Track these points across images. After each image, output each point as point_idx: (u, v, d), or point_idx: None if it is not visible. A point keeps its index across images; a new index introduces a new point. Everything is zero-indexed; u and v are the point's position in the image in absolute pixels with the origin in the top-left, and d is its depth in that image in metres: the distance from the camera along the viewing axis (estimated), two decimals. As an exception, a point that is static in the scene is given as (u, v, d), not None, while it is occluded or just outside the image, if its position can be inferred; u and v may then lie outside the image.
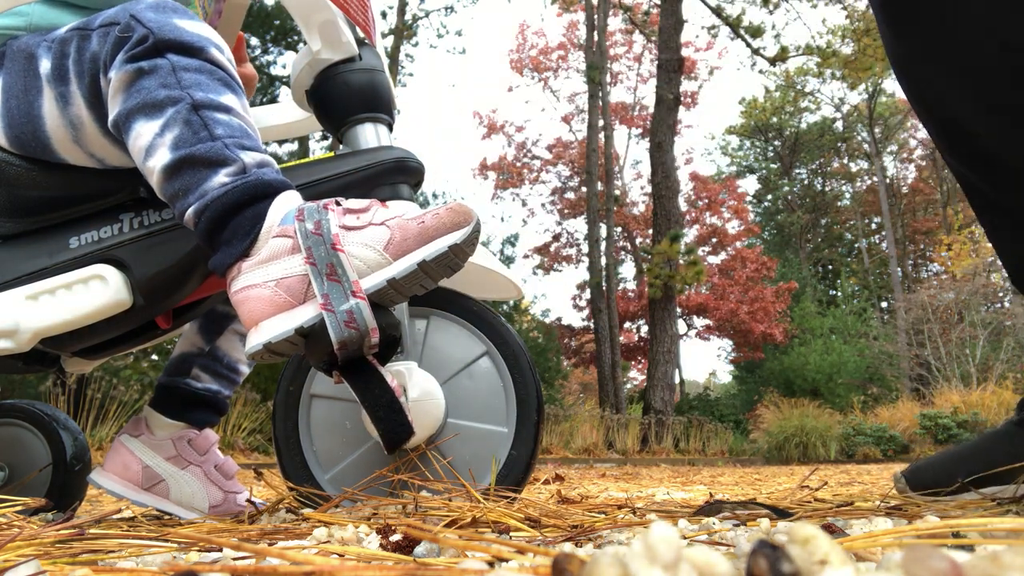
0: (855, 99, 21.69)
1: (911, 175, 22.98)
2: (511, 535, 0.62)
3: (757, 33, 13.66)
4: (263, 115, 1.22)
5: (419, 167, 0.95)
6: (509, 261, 17.73)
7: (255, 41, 12.40)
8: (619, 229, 19.29)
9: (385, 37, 13.70)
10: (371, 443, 0.92)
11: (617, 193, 18.19)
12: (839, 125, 22.75)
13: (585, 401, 16.64)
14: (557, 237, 20.71)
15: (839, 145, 22.89)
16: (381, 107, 0.98)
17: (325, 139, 11.70)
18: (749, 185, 27.11)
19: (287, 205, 0.75)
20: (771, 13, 14.66)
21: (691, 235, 19.25)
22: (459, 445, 0.90)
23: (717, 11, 13.94)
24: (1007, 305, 13.05)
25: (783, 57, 13.97)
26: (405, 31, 14.25)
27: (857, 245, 22.56)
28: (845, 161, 23.26)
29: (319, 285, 0.70)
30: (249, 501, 1.01)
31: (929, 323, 11.89)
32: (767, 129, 23.53)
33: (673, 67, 11.30)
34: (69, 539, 0.55)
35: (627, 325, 19.01)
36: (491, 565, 0.42)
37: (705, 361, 71.51)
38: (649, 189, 14.22)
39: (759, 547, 0.27)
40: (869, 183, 22.18)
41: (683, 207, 17.91)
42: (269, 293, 0.71)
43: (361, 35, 1.01)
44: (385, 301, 0.74)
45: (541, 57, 20.59)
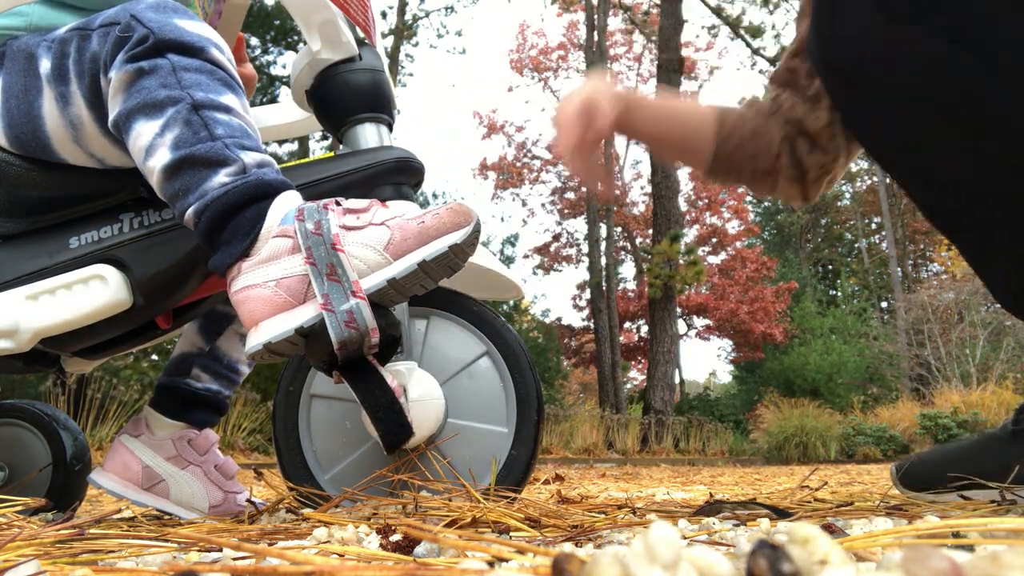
0: (855, 99, 21.63)
1: (911, 175, 22.92)
2: (511, 535, 0.62)
3: (757, 33, 13.67)
4: (263, 115, 1.22)
5: (419, 167, 0.95)
6: (509, 261, 17.74)
7: (255, 41, 12.41)
8: (619, 229, 19.29)
9: (385, 37, 13.70)
10: (371, 443, 0.92)
11: (617, 192, 18.18)
12: (839, 125, 22.68)
13: (585, 401, 16.64)
14: (557, 237, 20.70)
15: (839, 145, 22.81)
16: (381, 107, 0.98)
17: (325, 139, 11.70)
18: (749, 185, 27.04)
19: (287, 205, 0.75)
20: (771, 13, 14.66)
21: (691, 235, 19.24)
22: (459, 445, 0.89)
23: (717, 11, 13.95)
24: (1007, 305, 13.01)
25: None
26: (405, 31, 14.26)
27: (857, 245, 22.55)
28: (845, 161, 23.20)
29: (319, 285, 0.70)
30: (249, 501, 1.01)
31: (929, 323, 11.88)
32: (767, 129, 23.45)
33: (673, 67, 11.29)
34: (69, 539, 0.55)
35: (627, 325, 19.01)
36: (491, 565, 0.42)
37: (705, 361, 71.57)
38: (649, 189, 14.21)
39: (759, 547, 0.27)
40: (869, 183, 22.17)
41: (683, 207, 17.88)
42: (269, 293, 0.71)
43: (361, 35, 1.01)
44: (385, 301, 0.74)
45: (541, 57, 20.58)
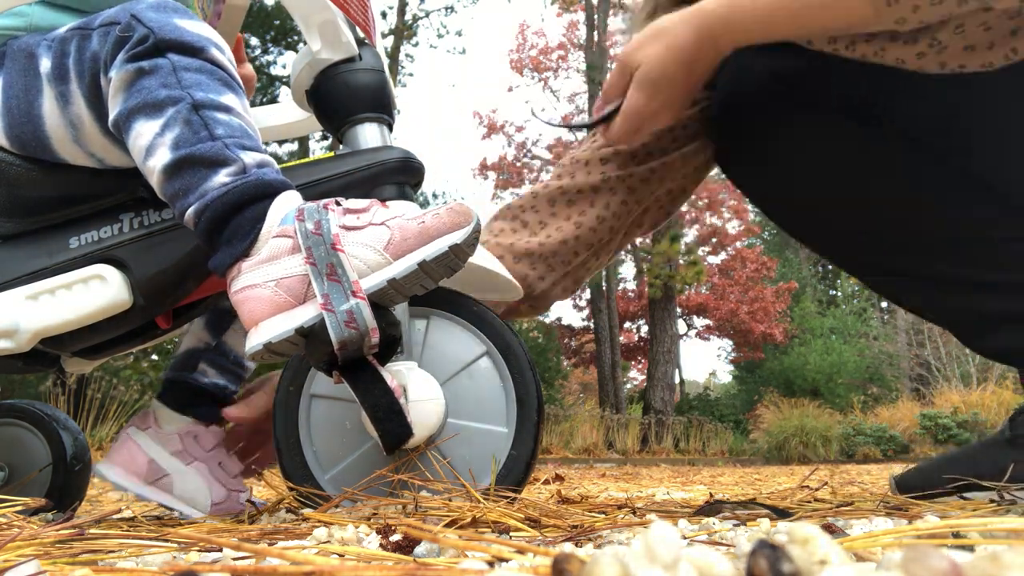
0: (855, 99, 21.65)
1: (911, 175, 22.93)
2: (511, 535, 0.62)
3: (757, 33, 13.64)
4: (263, 115, 1.22)
5: (419, 167, 0.95)
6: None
7: (255, 41, 12.41)
8: (619, 229, 19.24)
9: (385, 37, 13.70)
10: (371, 443, 0.92)
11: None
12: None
13: (585, 401, 16.64)
14: (557, 237, 20.65)
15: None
16: (381, 107, 0.98)
17: (325, 139, 11.70)
18: (749, 185, 27.05)
19: (287, 205, 0.75)
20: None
21: (691, 235, 19.22)
22: (459, 445, 0.89)
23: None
24: (1007, 305, 13.00)
25: (783, 57, 13.95)
26: (405, 31, 14.27)
27: (857, 245, 22.50)
28: (845, 161, 23.20)
29: (319, 285, 0.70)
30: (250, 501, 1.01)
31: (929, 323, 11.86)
32: (767, 129, 23.48)
33: (673, 67, 11.27)
34: (69, 539, 0.55)
35: (627, 325, 18.99)
36: (491, 565, 0.42)
37: (705, 361, 71.48)
38: (649, 189, 14.17)
39: (759, 547, 0.27)
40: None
41: (683, 207, 17.88)
42: (269, 293, 0.71)
43: (361, 35, 1.01)
44: (385, 301, 0.74)
45: (541, 57, 20.56)
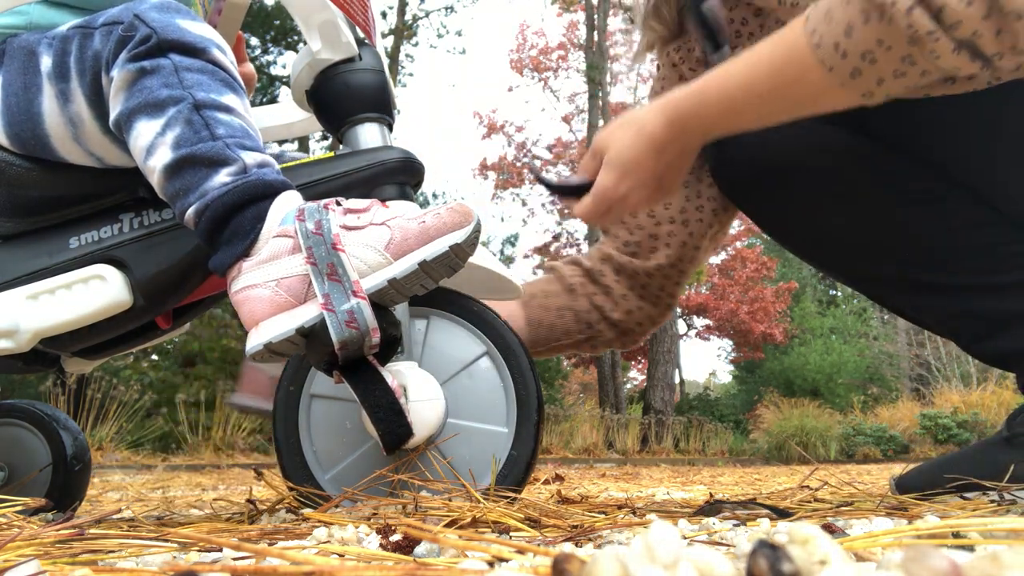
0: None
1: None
2: (511, 535, 0.62)
3: (757, 33, 13.64)
4: (263, 115, 1.22)
5: (419, 167, 0.95)
6: (509, 261, 17.73)
7: (255, 41, 12.41)
8: (619, 229, 19.24)
9: (385, 37, 13.70)
10: (371, 443, 0.92)
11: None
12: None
13: (585, 401, 16.63)
14: (557, 237, 20.68)
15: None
16: (381, 107, 0.98)
17: (325, 139, 11.70)
18: (749, 185, 27.03)
19: (288, 205, 0.75)
20: (771, 13, 14.65)
21: (691, 235, 19.18)
22: (459, 445, 0.89)
23: (717, 11, 13.93)
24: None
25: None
26: (405, 31, 14.27)
27: (857, 245, 22.49)
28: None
29: (320, 285, 0.70)
30: (249, 501, 1.01)
31: (929, 324, 11.85)
32: (767, 129, 23.45)
33: (673, 67, 11.27)
34: (69, 539, 0.55)
35: (627, 325, 18.96)
36: (491, 565, 0.42)
37: (705, 361, 71.51)
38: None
39: (759, 547, 0.27)
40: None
41: (683, 207, 17.83)
42: (269, 293, 0.71)
43: (361, 35, 1.01)
44: (386, 301, 0.74)
45: (541, 57, 20.55)
